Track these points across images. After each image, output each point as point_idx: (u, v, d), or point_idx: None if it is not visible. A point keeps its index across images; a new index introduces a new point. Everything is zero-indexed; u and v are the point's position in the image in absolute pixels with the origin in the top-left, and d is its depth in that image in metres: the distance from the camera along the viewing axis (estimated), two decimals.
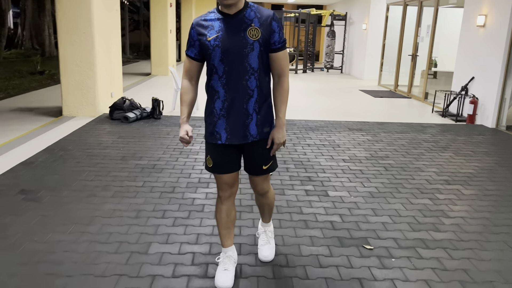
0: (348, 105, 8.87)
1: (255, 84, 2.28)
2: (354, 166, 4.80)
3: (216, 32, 2.24)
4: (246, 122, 2.32)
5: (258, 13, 2.26)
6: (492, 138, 6.38)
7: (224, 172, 2.41)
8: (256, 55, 2.24)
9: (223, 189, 2.47)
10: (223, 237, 2.57)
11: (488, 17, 7.32)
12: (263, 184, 2.55)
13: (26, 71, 13.50)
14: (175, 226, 3.21)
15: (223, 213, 2.51)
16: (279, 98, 2.37)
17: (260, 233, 2.88)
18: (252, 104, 2.31)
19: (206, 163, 2.47)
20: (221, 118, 2.32)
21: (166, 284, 2.48)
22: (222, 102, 2.30)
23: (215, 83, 2.30)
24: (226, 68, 2.25)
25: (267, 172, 2.49)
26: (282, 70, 2.33)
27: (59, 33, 6.74)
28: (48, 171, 4.28)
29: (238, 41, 2.22)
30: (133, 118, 6.64)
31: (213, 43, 2.23)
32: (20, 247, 2.82)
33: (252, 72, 2.26)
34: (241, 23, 2.23)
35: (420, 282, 2.60)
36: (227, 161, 2.40)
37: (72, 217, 3.29)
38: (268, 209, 2.74)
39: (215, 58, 2.24)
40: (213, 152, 2.40)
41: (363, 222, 3.41)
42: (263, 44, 2.24)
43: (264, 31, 2.23)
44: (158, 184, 4.05)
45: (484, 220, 3.52)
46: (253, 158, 2.43)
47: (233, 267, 2.57)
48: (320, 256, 2.86)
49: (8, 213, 3.32)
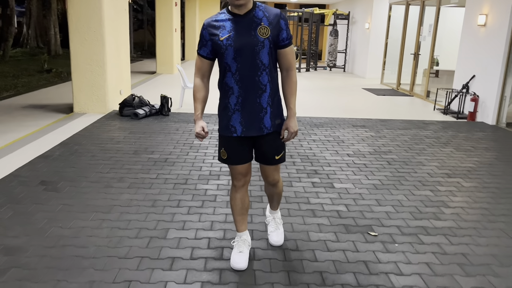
0: (351, 103, 9.05)
1: (267, 79, 2.43)
2: (358, 160, 4.98)
3: (228, 32, 2.37)
4: (260, 115, 2.47)
5: (267, 12, 2.40)
6: (492, 135, 6.55)
7: (238, 163, 2.57)
8: (267, 52, 2.39)
9: (237, 178, 2.63)
10: (238, 222, 2.75)
11: (489, 17, 7.48)
12: (275, 175, 2.70)
13: (33, 69, 13.70)
14: (190, 214, 3.40)
15: (238, 201, 2.68)
16: (288, 90, 2.52)
17: (269, 220, 3.04)
18: (266, 98, 2.46)
19: (220, 155, 2.62)
20: (236, 112, 2.47)
21: (185, 265, 2.67)
22: (236, 97, 2.45)
23: (228, 80, 2.44)
24: (239, 66, 2.39)
25: (279, 162, 2.63)
26: (290, 64, 2.49)
27: (70, 32, 6.93)
28: (65, 164, 4.48)
29: (250, 39, 2.36)
30: (143, 114, 6.83)
31: (225, 42, 2.37)
32: (47, 232, 3.02)
33: (263, 68, 2.40)
34: (251, 22, 2.37)
35: (421, 265, 2.78)
36: (241, 152, 2.55)
37: (92, 206, 3.48)
38: (277, 197, 2.90)
39: (228, 57, 2.38)
40: (228, 144, 2.55)
41: (367, 211, 3.59)
42: (272, 41, 2.39)
43: (273, 29, 2.38)
44: (171, 177, 4.24)
45: (482, 210, 3.70)
46: (266, 149, 2.56)
47: (248, 249, 2.75)
48: (328, 241, 3.04)
49: (32, 202, 3.51)
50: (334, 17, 15.89)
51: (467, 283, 2.59)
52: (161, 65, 13.86)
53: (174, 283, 2.48)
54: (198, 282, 2.50)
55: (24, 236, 2.95)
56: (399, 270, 2.71)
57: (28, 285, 2.41)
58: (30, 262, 2.64)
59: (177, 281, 2.50)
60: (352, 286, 2.52)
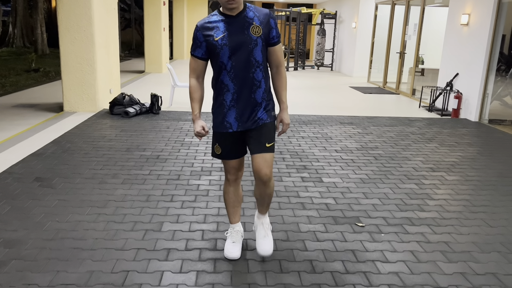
0: (338, 101, 9.21)
1: (261, 75, 2.54)
2: (345, 156, 5.13)
3: (222, 32, 2.47)
4: (255, 109, 2.56)
5: (257, 12, 2.52)
6: (475, 131, 6.75)
7: (232, 157, 2.67)
8: (260, 50, 2.50)
9: (231, 172, 2.73)
10: (231, 214, 2.84)
11: (472, 16, 7.69)
12: (267, 169, 2.58)
13: (20, 68, 13.62)
14: (184, 208, 3.50)
15: (231, 194, 2.78)
16: (280, 85, 2.66)
17: (256, 225, 2.85)
18: (261, 93, 2.56)
19: (213, 151, 2.70)
20: (231, 108, 2.55)
21: (181, 255, 2.77)
22: (231, 94, 2.53)
23: (224, 78, 2.53)
24: (234, 63, 2.48)
25: (269, 150, 2.58)
26: (279, 61, 2.62)
27: (60, 31, 6.96)
28: (58, 161, 4.54)
29: (243, 38, 2.46)
30: (133, 113, 6.90)
31: (220, 42, 2.46)
32: (45, 226, 3.09)
33: (257, 65, 2.51)
34: (244, 23, 2.48)
35: (406, 253, 2.92)
36: (235, 147, 2.64)
37: (87, 201, 3.56)
38: (267, 199, 2.74)
39: (224, 56, 2.47)
40: (222, 140, 2.63)
41: (355, 204, 3.73)
42: (264, 40, 2.52)
43: (264, 28, 2.50)
44: (164, 173, 4.33)
45: (464, 201, 3.86)
46: (258, 138, 2.57)
47: (240, 240, 2.85)
48: (317, 232, 3.17)
49: (28, 198, 3.58)
50: (321, 16, 16.07)
51: (449, 269, 2.74)
52: (149, 64, 13.89)
53: (170, 273, 2.58)
54: (193, 271, 2.61)
55: (23, 230, 3.02)
56: (385, 257, 2.85)
57: (29, 276, 2.49)
58: (30, 254, 2.72)
59: (173, 271, 2.60)
60: (340, 273, 2.65)
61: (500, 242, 3.13)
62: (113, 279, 2.49)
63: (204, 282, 2.50)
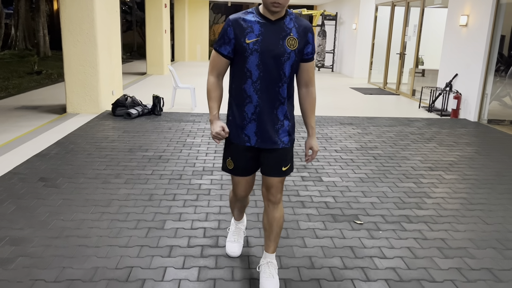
0: (339, 102, 9.28)
1: (286, 92, 2.32)
2: (345, 156, 5.19)
3: (256, 36, 2.22)
4: (276, 127, 2.34)
5: (297, 23, 2.28)
6: (474, 131, 6.81)
7: (244, 174, 2.46)
8: (291, 64, 2.27)
9: (240, 189, 2.52)
10: (235, 214, 2.82)
11: (470, 17, 7.76)
12: (278, 190, 2.44)
13: (23, 71, 13.72)
14: (186, 206, 3.57)
15: (238, 204, 2.71)
16: (309, 108, 2.41)
17: (262, 265, 2.56)
18: (284, 111, 2.34)
19: (225, 165, 2.46)
20: (251, 122, 2.32)
21: (183, 252, 2.84)
22: (254, 107, 2.30)
23: (248, 88, 2.29)
24: (261, 74, 2.25)
25: (286, 174, 2.44)
26: (310, 79, 2.39)
27: (63, 34, 7.05)
28: (62, 162, 4.61)
29: (277, 48, 2.22)
30: (135, 114, 6.98)
31: (251, 46, 2.22)
32: (50, 224, 3.17)
33: (285, 80, 2.29)
34: (281, 31, 2.24)
35: (403, 249, 2.99)
36: (248, 163, 2.43)
37: (91, 200, 3.63)
38: (276, 227, 2.50)
39: (252, 63, 2.24)
40: (237, 153, 2.40)
41: (354, 202, 3.79)
42: (298, 54, 2.28)
43: (301, 41, 2.27)
44: (166, 172, 4.40)
45: (461, 199, 3.93)
46: (274, 161, 2.38)
47: (242, 238, 2.88)
48: (316, 230, 3.23)
49: (33, 197, 3.65)
50: (322, 18, 16.14)
51: (445, 264, 2.80)
52: (151, 66, 13.97)
53: (173, 268, 2.65)
54: (195, 267, 2.67)
55: (29, 228, 3.10)
56: (382, 254, 2.91)
57: (35, 272, 2.56)
58: (36, 251, 2.79)
59: (176, 267, 2.67)
60: (339, 268, 2.72)
61: (495, 238, 3.19)
62: (118, 274, 2.56)
63: (206, 277, 2.57)
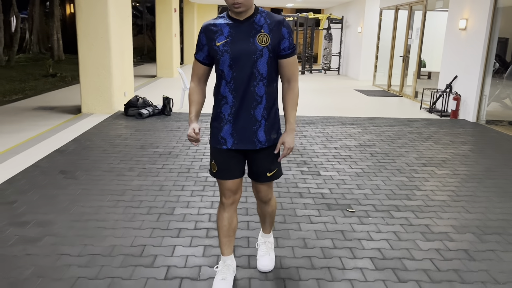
0: (342, 103, 9.58)
1: (263, 90, 2.28)
2: (344, 153, 5.50)
3: (225, 37, 2.23)
4: (254, 128, 2.31)
5: (268, 19, 2.25)
6: (471, 131, 7.07)
7: (227, 177, 2.39)
8: (265, 62, 2.24)
9: (226, 195, 2.44)
10: (223, 245, 2.53)
11: (469, 21, 8.03)
12: (267, 191, 2.52)
13: (38, 74, 14.22)
14: (193, 196, 3.91)
15: (225, 221, 2.47)
16: (289, 103, 2.36)
17: (259, 244, 2.81)
18: (261, 110, 2.31)
19: (211, 168, 2.46)
20: (227, 123, 2.32)
21: (190, 233, 3.18)
22: (230, 107, 2.30)
23: (223, 89, 2.30)
24: (235, 74, 2.24)
25: (271, 179, 2.46)
26: (292, 75, 2.33)
27: (79, 38, 7.45)
28: (79, 157, 4.98)
29: (247, 47, 2.21)
30: (146, 114, 7.35)
31: (222, 48, 2.23)
32: (71, 210, 3.52)
33: (260, 78, 2.26)
34: (251, 29, 2.23)
35: (389, 233, 3.29)
36: (231, 166, 2.38)
37: (107, 190, 3.99)
38: (269, 218, 2.69)
39: (224, 64, 2.25)
40: (218, 156, 2.38)
41: (348, 193, 4.10)
42: (272, 50, 2.24)
43: (274, 37, 2.23)
44: (175, 167, 4.74)
45: (449, 192, 4.22)
46: (258, 164, 2.40)
47: (232, 276, 2.55)
48: (311, 216, 3.55)
49: (55, 187, 4.02)
50: (328, 21, 16.46)
51: (426, 246, 3.10)
52: (161, 69, 14.39)
53: (181, 246, 2.99)
54: (201, 246, 3.01)
55: (52, 213, 3.46)
56: (370, 237, 3.22)
57: (61, 248, 2.91)
58: (60, 232, 3.15)
59: (184, 245, 3.01)
60: (329, 248, 3.03)
61: (476, 225, 3.48)
62: (133, 251, 2.90)
63: (210, 254, 2.90)
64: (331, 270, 2.75)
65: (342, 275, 2.70)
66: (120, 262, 2.76)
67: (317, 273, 2.71)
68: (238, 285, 2.56)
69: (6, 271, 2.64)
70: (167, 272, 2.67)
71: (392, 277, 2.69)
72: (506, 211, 3.79)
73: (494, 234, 3.33)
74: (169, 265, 2.75)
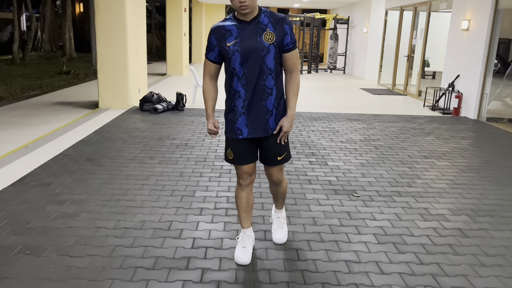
0: (348, 101, 9.91)
1: (272, 83, 2.54)
2: (349, 146, 5.83)
3: (234, 38, 2.47)
4: (266, 117, 2.57)
5: (271, 18, 2.49)
6: (472, 127, 7.38)
7: (244, 163, 2.68)
8: (272, 57, 2.49)
9: (243, 177, 2.73)
10: (243, 219, 2.85)
11: (471, 22, 8.33)
12: (278, 174, 2.78)
13: (52, 71, 14.64)
14: (211, 181, 4.26)
15: (243, 199, 2.77)
16: (291, 91, 2.60)
17: (273, 218, 3.14)
18: (272, 101, 2.57)
19: (226, 155, 2.72)
20: (242, 115, 2.57)
21: (211, 212, 3.53)
22: (243, 101, 2.54)
23: (235, 84, 2.54)
24: (246, 70, 2.48)
25: (282, 163, 2.72)
26: (294, 66, 2.58)
27: (97, 37, 7.83)
28: (103, 146, 5.35)
29: (256, 45, 2.45)
30: (161, 109, 7.71)
31: (232, 48, 2.46)
32: (102, 191, 3.88)
33: (269, 72, 2.50)
34: (257, 28, 2.47)
35: (391, 214, 3.62)
36: (246, 153, 2.65)
37: (132, 175, 4.35)
38: (281, 197, 2.97)
39: (235, 62, 2.48)
40: (234, 145, 2.65)
41: (353, 181, 4.44)
42: (277, 46, 2.49)
43: (278, 34, 2.47)
44: (192, 156, 5.10)
45: (448, 181, 4.54)
46: (269, 150, 2.66)
47: (251, 245, 2.86)
48: (320, 199, 3.89)
49: (84, 172, 4.38)
50: (334, 21, 16.77)
51: (424, 225, 3.43)
52: (171, 67, 14.76)
53: (204, 222, 3.34)
54: (221, 222, 3.36)
55: (85, 194, 3.82)
56: (373, 217, 3.56)
57: (97, 222, 3.27)
58: (95, 209, 3.51)
59: (206, 221, 3.36)
60: (336, 226, 3.37)
61: (470, 209, 3.81)
62: (161, 225, 3.26)
63: (230, 229, 3.25)
64: (338, 243, 3.10)
65: (348, 247, 3.04)
66: (151, 234, 3.12)
67: (326, 245, 3.05)
68: (256, 253, 2.91)
69: (53, 239, 3.00)
70: (193, 243, 3.02)
71: (392, 249, 3.02)
72: (500, 197, 4.11)
73: (487, 216, 3.66)
74: (195, 237, 3.10)
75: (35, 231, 3.12)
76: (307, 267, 2.76)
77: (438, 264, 2.85)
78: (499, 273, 2.78)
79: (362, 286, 2.58)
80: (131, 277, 2.59)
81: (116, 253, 2.85)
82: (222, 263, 2.78)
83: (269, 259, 2.84)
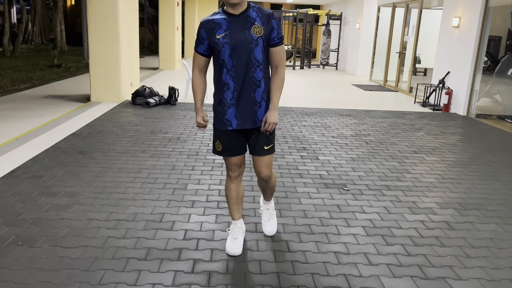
0: (340, 96, 9.97)
1: (261, 75, 2.61)
2: (340, 141, 5.89)
3: (224, 30, 2.54)
4: (254, 109, 2.64)
5: (260, 13, 2.58)
6: (461, 123, 7.48)
7: (233, 154, 2.74)
8: (260, 50, 2.56)
9: (232, 169, 2.80)
10: (233, 211, 2.92)
11: (462, 19, 8.42)
12: (267, 170, 2.80)
13: (43, 64, 14.53)
14: (203, 175, 4.30)
15: (233, 191, 2.85)
16: (275, 85, 2.66)
17: (263, 210, 3.18)
18: (260, 93, 2.63)
19: (214, 147, 2.78)
20: (231, 107, 2.63)
21: (203, 205, 3.57)
22: (232, 92, 2.60)
23: (224, 76, 2.60)
24: (235, 62, 2.55)
25: (269, 153, 2.76)
26: (279, 61, 2.65)
27: (89, 30, 7.80)
28: (95, 140, 5.35)
29: (244, 37, 2.52)
30: (153, 103, 7.71)
31: (222, 40, 2.53)
32: (94, 184, 3.90)
33: (257, 64, 2.58)
34: (246, 22, 2.54)
35: (380, 207, 3.69)
36: (235, 144, 2.72)
37: (124, 168, 4.37)
38: (270, 191, 3.02)
39: (225, 54, 2.55)
40: (223, 137, 2.71)
41: (344, 175, 4.50)
42: (265, 40, 2.57)
43: (265, 28, 2.55)
44: (184, 150, 5.12)
45: (436, 175, 4.62)
46: (257, 140, 2.71)
47: (242, 237, 2.92)
48: (311, 193, 3.94)
49: (76, 165, 4.39)
50: (327, 17, 16.81)
51: (412, 218, 3.50)
52: (163, 61, 14.72)
53: (196, 215, 3.37)
54: (213, 215, 3.40)
55: (78, 186, 3.83)
56: (362, 210, 3.62)
57: (90, 214, 3.29)
58: (87, 201, 3.53)
59: (198, 214, 3.40)
60: (326, 218, 3.43)
61: (458, 202, 3.88)
62: (153, 218, 3.29)
63: (222, 221, 3.29)
64: (328, 235, 3.15)
65: (337, 239, 3.10)
66: (143, 226, 3.15)
67: (316, 237, 3.10)
68: (247, 245, 2.95)
69: (45, 230, 3.02)
70: (185, 234, 3.05)
71: (381, 241, 3.09)
72: (487, 191, 4.19)
73: (473, 209, 3.74)
74: (186, 229, 3.14)
75: (28, 222, 3.14)
76: (297, 258, 2.82)
77: (425, 256, 2.91)
78: (484, 264, 2.85)
79: (350, 277, 2.63)
80: (123, 267, 2.62)
81: (108, 244, 2.88)
82: (213, 254, 2.82)
83: (260, 250, 2.89)
